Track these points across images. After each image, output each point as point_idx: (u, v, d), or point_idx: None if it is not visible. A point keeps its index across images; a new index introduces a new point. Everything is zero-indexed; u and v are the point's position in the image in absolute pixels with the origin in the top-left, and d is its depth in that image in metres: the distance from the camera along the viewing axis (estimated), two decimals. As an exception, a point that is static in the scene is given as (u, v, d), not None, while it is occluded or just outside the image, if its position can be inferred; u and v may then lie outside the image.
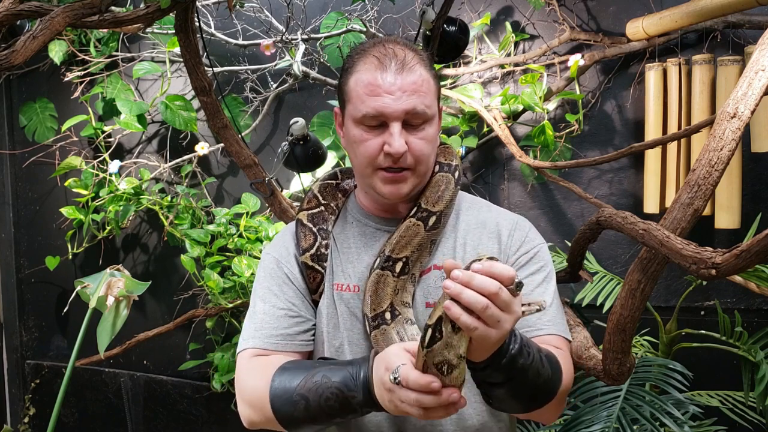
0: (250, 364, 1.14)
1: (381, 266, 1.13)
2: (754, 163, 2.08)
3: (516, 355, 0.92)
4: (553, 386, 1.02)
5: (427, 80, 1.11)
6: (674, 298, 2.18)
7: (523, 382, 0.95)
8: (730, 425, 1.88)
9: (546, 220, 2.39)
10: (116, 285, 2.15)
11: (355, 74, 1.11)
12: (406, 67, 1.08)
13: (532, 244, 1.20)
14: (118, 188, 2.76)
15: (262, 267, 1.24)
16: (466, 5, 2.43)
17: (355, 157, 1.14)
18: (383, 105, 1.06)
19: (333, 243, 1.23)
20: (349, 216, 1.25)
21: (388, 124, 1.08)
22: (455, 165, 1.21)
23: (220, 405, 2.90)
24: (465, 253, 1.18)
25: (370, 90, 1.07)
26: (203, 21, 2.64)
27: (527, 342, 0.96)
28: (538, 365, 0.96)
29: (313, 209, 1.25)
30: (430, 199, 1.16)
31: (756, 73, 1.04)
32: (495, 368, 0.91)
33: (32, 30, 1.31)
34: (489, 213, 1.24)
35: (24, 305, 3.40)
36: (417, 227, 1.14)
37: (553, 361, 1.03)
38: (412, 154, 1.09)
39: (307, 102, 2.72)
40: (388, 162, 1.09)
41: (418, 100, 1.08)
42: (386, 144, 1.08)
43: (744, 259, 0.89)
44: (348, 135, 1.14)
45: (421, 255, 1.16)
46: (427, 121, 1.11)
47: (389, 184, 1.12)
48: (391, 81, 1.07)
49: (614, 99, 2.28)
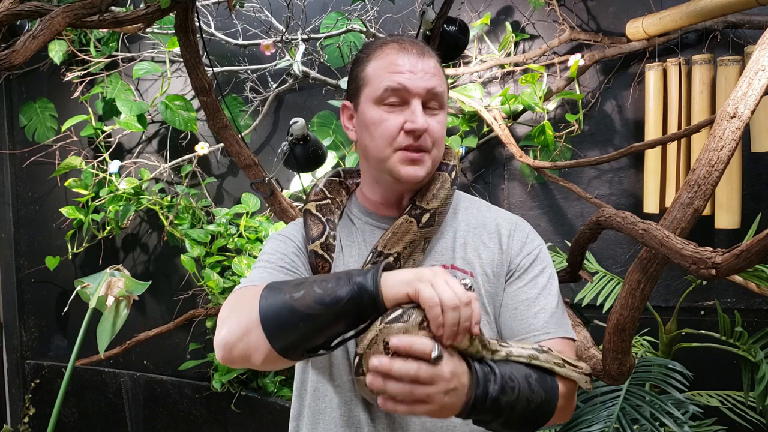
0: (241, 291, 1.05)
1: (372, 262, 1.13)
2: (754, 163, 2.08)
3: (497, 397, 0.92)
4: (549, 406, 1.01)
5: (442, 71, 1.15)
6: (674, 298, 2.18)
7: (515, 414, 0.95)
8: (730, 425, 1.87)
9: (546, 220, 2.39)
10: (116, 285, 2.15)
11: (373, 61, 1.13)
12: (425, 53, 1.12)
13: (532, 246, 1.20)
14: (118, 188, 2.76)
15: (271, 240, 1.20)
16: (466, 5, 2.43)
17: (372, 140, 1.12)
18: (407, 79, 1.08)
19: (338, 238, 1.22)
20: (350, 214, 1.25)
21: (409, 102, 1.09)
22: (452, 165, 1.22)
23: (220, 405, 2.90)
24: (465, 253, 1.18)
25: (393, 68, 1.10)
26: (203, 21, 2.64)
27: (510, 376, 0.95)
28: (526, 394, 0.95)
29: (321, 201, 1.25)
30: (425, 197, 1.16)
31: (756, 73, 1.04)
32: (479, 413, 0.92)
33: (32, 30, 1.31)
34: (488, 213, 1.24)
35: (24, 305, 3.40)
36: (410, 224, 1.14)
37: (546, 381, 1.01)
38: (430, 134, 1.10)
39: (307, 102, 2.72)
40: (409, 140, 1.09)
41: (438, 81, 1.11)
42: (408, 122, 1.09)
43: (744, 259, 0.89)
44: (364, 119, 1.13)
45: (414, 252, 1.15)
46: (442, 107, 1.13)
47: (408, 165, 1.11)
48: (414, 62, 1.10)
49: (614, 99, 2.28)
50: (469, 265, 1.16)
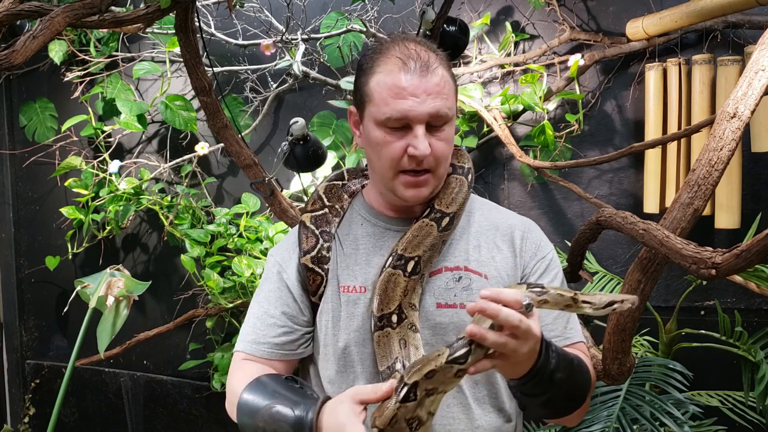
0: (236, 367, 1.20)
1: (393, 265, 1.13)
2: (754, 163, 2.08)
3: (554, 370, 0.96)
4: (585, 392, 1.06)
5: (448, 81, 1.11)
6: (674, 298, 2.17)
7: (561, 392, 0.99)
8: (730, 425, 1.87)
9: (546, 220, 2.39)
10: (116, 285, 2.15)
11: (376, 75, 1.10)
12: (429, 69, 1.08)
13: (545, 251, 1.21)
14: (118, 188, 2.76)
15: (266, 269, 1.27)
16: (466, 5, 2.43)
17: (377, 159, 1.13)
18: (408, 108, 1.06)
19: (338, 245, 1.22)
20: (358, 216, 1.25)
21: (412, 127, 1.08)
22: (468, 167, 1.22)
23: (220, 405, 2.89)
24: (480, 255, 1.18)
25: (395, 93, 1.07)
26: (203, 21, 2.64)
27: (563, 355, 0.99)
28: (576, 375, 1.01)
29: (317, 211, 1.25)
30: (444, 201, 1.17)
31: (756, 73, 1.04)
32: (536, 383, 0.95)
33: (32, 30, 1.31)
34: (499, 215, 1.25)
35: (24, 305, 3.40)
36: (430, 227, 1.14)
37: (584, 368, 1.06)
38: (433, 155, 1.09)
39: (307, 102, 2.72)
40: (412, 164, 1.09)
41: (442, 102, 1.08)
42: (411, 147, 1.08)
43: (744, 258, 0.89)
44: (368, 137, 1.13)
45: (432, 255, 1.16)
46: (448, 122, 1.11)
47: (411, 188, 1.12)
48: (416, 84, 1.06)
49: (614, 99, 2.28)
50: (484, 267, 1.17)
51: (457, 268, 1.16)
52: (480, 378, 1.15)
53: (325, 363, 1.19)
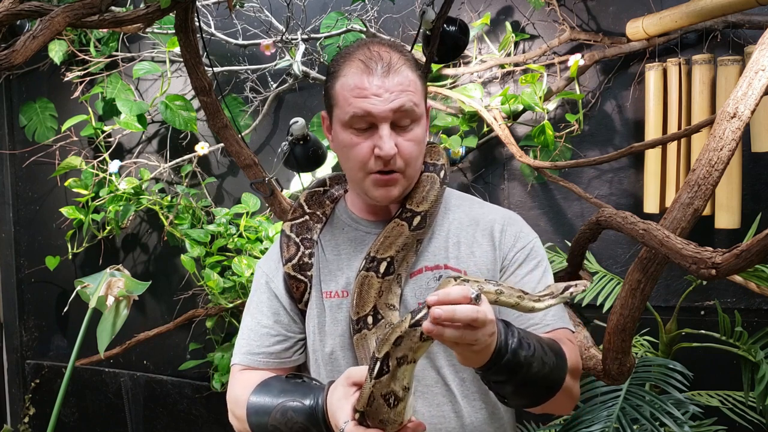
0: (235, 379, 1.21)
1: (366, 267, 1.13)
2: (754, 163, 2.08)
3: (517, 349, 0.94)
4: (560, 373, 1.03)
5: (414, 81, 1.10)
6: (674, 298, 2.17)
7: (530, 374, 0.97)
8: (730, 425, 1.87)
9: (546, 220, 2.39)
10: (116, 285, 2.15)
11: (341, 78, 1.10)
12: (392, 69, 1.08)
13: (526, 240, 1.20)
14: (118, 188, 2.76)
15: (255, 280, 1.28)
16: (466, 5, 2.43)
17: (347, 161, 1.14)
18: (370, 105, 1.06)
19: (321, 251, 1.23)
20: (339, 221, 1.25)
21: (377, 126, 1.08)
22: (441, 164, 1.21)
23: (220, 405, 2.90)
24: (459, 252, 1.18)
25: (357, 93, 1.07)
26: (203, 21, 2.64)
27: (525, 334, 0.98)
28: (541, 354, 0.98)
29: (297, 219, 1.26)
30: (414, 200, 1.16)
31: (756, 73, 1.04)
32: (500, 367, 0.93)
33: (32, 30, 1.31)
34: (480, 209, 1.24)
35: (24, 305, 3.40)
36: (401, 227, 1.14)
37: (556, 348, 1.04)
38: (401, 156, 1.09)
39: (307, 102, 2.72)
40: (379, 165, 1.09)
41: (406, 98, 1.08)
42: (376, 147, 1.08)
43: (744, 258, 0.89)
44: (337, 139, 1.14)
45: (407, 255, 1.16)
46: (415, 120, 1.10)
47: (380, 188, 1.12)
48: (378, 84, 1.06)
49: (614, 99, 2.28)
50: (463, 263, 1.17)
51: (437, 267, 1.17)
52: (468, 375, 1.15)
53: (315, 369, 1.20)
